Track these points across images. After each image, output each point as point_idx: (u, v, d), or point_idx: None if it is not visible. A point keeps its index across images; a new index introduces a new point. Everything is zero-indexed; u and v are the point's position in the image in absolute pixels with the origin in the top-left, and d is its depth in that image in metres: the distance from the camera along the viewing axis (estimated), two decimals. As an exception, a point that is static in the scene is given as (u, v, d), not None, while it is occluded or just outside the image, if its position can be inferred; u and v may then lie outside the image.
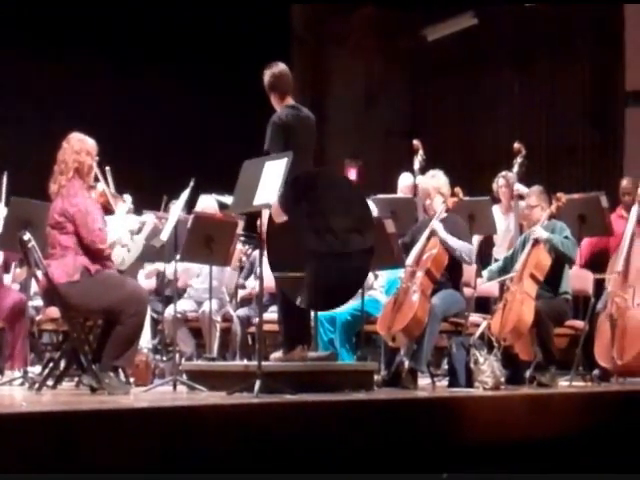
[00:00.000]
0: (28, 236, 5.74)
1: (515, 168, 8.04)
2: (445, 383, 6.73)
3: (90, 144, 5.88)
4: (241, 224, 6.68)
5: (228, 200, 6.65)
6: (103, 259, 5.75)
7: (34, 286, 6.48)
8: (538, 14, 10.98)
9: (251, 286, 7.91)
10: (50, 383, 5.93)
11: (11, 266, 7.58)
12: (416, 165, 8.43)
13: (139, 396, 5.63)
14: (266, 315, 6.58)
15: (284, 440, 4.22)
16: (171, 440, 3.92)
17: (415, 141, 8.54)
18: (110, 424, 3.87)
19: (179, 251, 6.70)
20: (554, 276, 6.69)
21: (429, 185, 6.90)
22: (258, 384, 5.11)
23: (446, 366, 7.11)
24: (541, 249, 6.65)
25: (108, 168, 6.34)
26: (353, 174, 11.71)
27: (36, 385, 5.85)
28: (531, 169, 8.34)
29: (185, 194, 6.48)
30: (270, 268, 5.66)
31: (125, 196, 6.52)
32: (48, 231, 5.77)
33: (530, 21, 11.22)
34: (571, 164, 10.83)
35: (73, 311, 5.73)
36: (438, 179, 6.88)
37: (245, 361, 7.40)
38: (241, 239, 6.86)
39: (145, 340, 7.05)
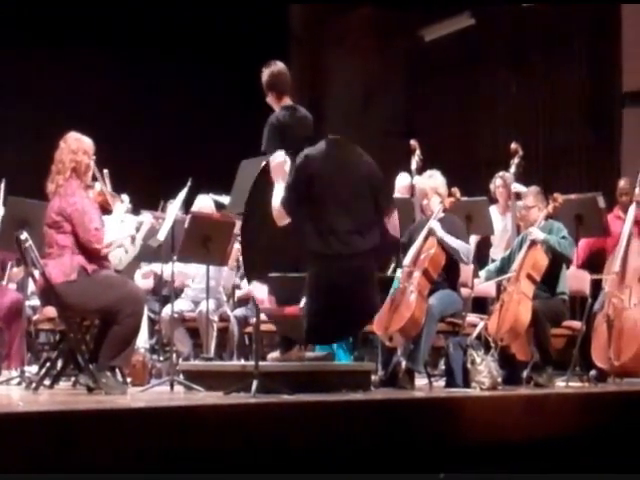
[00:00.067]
0: (25, 235, 5.74)
1: (512, 168, 8.01)
2: (442, 383, 6.71)
3: (87, 143, 5.87)
4: (238, 224, 6.67)
5: (225, 200, 6.66)
6: (100, 259, 5.74)
7: (31, 285, 6.47)
8: (535, 14, 10.97)
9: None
10: (47, 383, 5.93)
11: (7, 266, 7.57)
12: (413, 165, 8.42)
13: (136, 396, 5.62)
14: (263, 315, 6.57)
15: (281, 440, 4.22)
16: (168, 440, 3.92)
17: (412, 141, 8.52)
18: (107, 424, 3.86)
19: (176, 251, 6.69)
20: (551, 276, 6.70)
21: (426, 185, 6.89)
22: (255, 384, 5.11)
23: (443, 366, 7.10)
24: (538, 250, 6.66)
25: (106, 171, 6.34)
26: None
27: (33, 385, 5.84)
28: (528, 169, 8.34)
29: (182, 194, 6.48)
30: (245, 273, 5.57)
31: (123, 196, 6.52)
32: (45, 230, 5.76)
33: (527, 21, 11.21)
34: (568, 164, 10.81)
35: (70, 311, 5.72)
36: (435, 179, 6.87)
37: (242, 361, 7.39)
38: (238, 239, 6.86)
39: (142, 340, 7.05)
